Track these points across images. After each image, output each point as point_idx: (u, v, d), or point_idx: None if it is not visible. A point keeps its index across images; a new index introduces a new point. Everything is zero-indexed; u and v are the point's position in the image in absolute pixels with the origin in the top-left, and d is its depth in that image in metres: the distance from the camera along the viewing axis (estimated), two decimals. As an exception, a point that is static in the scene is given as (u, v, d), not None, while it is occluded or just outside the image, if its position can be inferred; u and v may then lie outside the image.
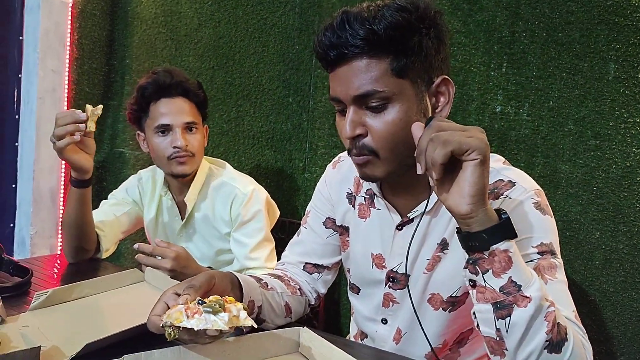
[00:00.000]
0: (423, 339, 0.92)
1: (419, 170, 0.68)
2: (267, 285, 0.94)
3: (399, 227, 0.92)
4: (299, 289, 1.03)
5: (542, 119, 1.34)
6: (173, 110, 1.32)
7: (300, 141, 1.80)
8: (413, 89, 0.79)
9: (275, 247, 1.43)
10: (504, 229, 0.67)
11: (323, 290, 1.08)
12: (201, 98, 1.38)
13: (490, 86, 1.42)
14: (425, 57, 0.79)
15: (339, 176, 1.05)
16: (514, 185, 0.82)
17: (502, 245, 0.67)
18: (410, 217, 0.90)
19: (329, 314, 1.69)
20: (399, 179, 0.88)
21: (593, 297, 1.28)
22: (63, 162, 2.06)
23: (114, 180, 2.20)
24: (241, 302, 0.83)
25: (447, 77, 0.82)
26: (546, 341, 0.65)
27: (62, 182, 2.09)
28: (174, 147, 1.30)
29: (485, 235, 0.67)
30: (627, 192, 1.23)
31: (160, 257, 1.14)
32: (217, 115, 1.96)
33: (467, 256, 0.70)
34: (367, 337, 1.07)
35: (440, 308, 0.91)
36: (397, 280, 0.93)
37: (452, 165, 0.67)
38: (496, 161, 0.88)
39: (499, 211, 0.69)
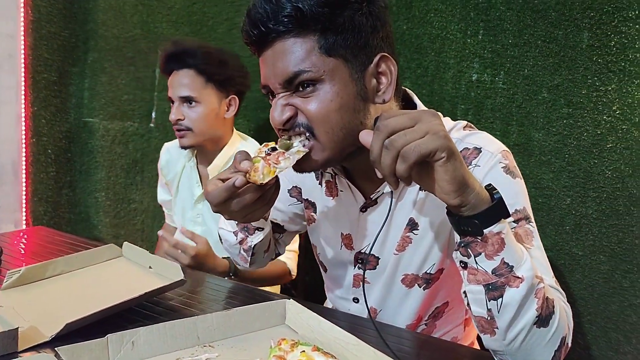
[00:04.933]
0: (397, 317, 0.93)
1: (379, 175, 0.63)
2: None
3: (363, 209, 0.89)
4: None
5: (517, 87, 1.35)
6: (174, 84, 1.38)
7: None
8: (347, 69, 0.73)
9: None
10: (497, 210, 0.64)
11: (282, 251, 1.08)
12: (213, 68, 1.37)
13: (466, 54, 1.41)
14: (359, 35, 0.73)
15: None
16: (480, 151, 0.79)
17: (495, 228, 0.64)
18: (374, 199, 0.87)
19: (306, 283, 1.70)
20: (353, 165, 0.85)
21: (563, 261, 1.33)
22: (23, 132, 1.96)
23: (79, 152, 2.11)
24: None
25: (386, 54, 0.76)
26: (536, 317, 0.65)
27: (24, 155, 1.99)
28: (170, 120, 1.39)
29: (478, 221, 0.64)
30: (597, 159, 1.27)
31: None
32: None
33: (457, 238, 0.68)
34: (340, 314, 1.08)
35: (416, 284, 0.90)
36: (367, 261, 0.91)
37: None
38: (458, 129, 0.84)
39: (491, 190, 0.65)
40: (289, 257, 1.44)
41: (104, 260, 1.00)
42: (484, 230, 0.64)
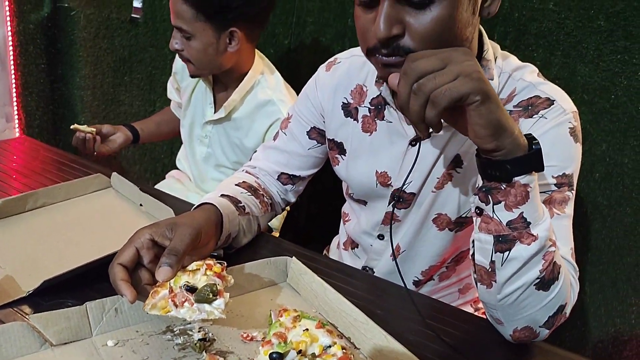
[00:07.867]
0: (422, 257, 0.91)
1: (407, 122, 0.58)
2: (244, 210, 0.84)
3: (413, 143, 0.81)
4: (270, 204, 0.94)
5: (570, 11, 1.15)
6: (172, 8, 1.17)
7: (285, 13, 1.56)
8: None
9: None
10: (532, 161, 0.60)
11: (293, 200, 1.01)
12: (204, 3, 1.12)
13: (516, -36, 1.19)
14: None
15: (334, 82, 0.90)
16: (552, 104, 0.73)
17: (523, 179, 0.60)
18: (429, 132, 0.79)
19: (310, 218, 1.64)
20: None
21: (585, 209, 1.25)
22: (8, 12, 1.78)
23: (68, 42, 1.93)
24: (219, 237, 0.74)
25: None
26: (537, 278, 0.63)
27: (10, 38, 1.82)
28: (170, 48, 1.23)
29: (509, 167, 0.59)
30: (647, 103, 1.13)
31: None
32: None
33: (480, 182, 0.63)
34: (357, 247, 1.02)
35: (447, 228, 0.86)
36: (404, 199, 0.86)
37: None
38: (531, 72, 0.77)
39: (531, 139, 0.60)
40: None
41: (91, 191, 0.91)
42: (513, 179, 0.60)
